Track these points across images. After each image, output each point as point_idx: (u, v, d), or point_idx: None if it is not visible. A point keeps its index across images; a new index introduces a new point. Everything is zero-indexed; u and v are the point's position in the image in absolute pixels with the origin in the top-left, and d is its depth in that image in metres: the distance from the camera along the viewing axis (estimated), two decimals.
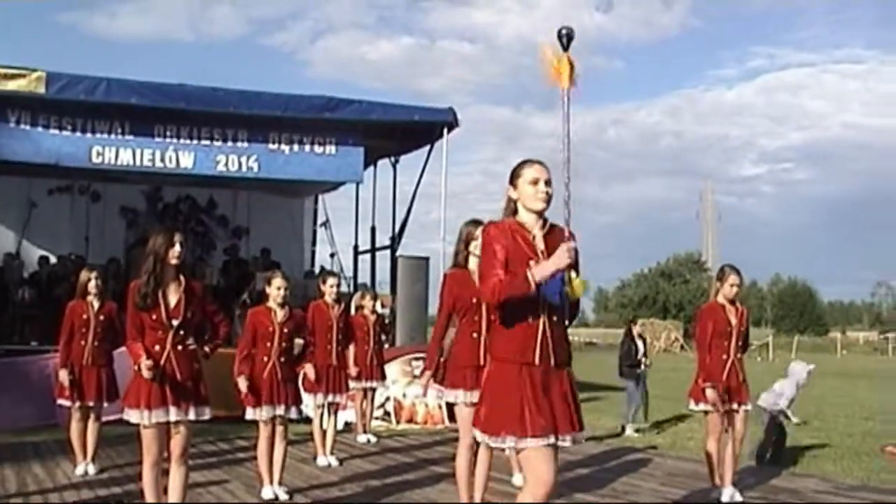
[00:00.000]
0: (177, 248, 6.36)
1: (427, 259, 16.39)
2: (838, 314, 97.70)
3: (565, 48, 4.77)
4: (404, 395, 14.39)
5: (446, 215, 16.21)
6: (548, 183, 4.80)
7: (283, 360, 8.31)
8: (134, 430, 6.48)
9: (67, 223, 18.60)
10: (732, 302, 8.36)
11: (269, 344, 8.27)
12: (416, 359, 14.58)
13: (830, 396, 20.43)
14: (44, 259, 17.74)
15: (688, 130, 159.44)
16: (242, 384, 8.11)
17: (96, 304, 9.43)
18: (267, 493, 8.23)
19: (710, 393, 8.11)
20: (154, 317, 6.29)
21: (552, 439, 4.60)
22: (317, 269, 19.40)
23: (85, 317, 9.37)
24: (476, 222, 7.26)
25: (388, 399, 13.62)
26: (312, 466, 9.89)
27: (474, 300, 7.08)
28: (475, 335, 7.09)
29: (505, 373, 4.70)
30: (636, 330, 14.39)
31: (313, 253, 21.41)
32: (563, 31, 4.77)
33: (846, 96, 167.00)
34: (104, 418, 9.62)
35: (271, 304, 8.39)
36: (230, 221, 20.08)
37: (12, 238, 17.85)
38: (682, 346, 59.33)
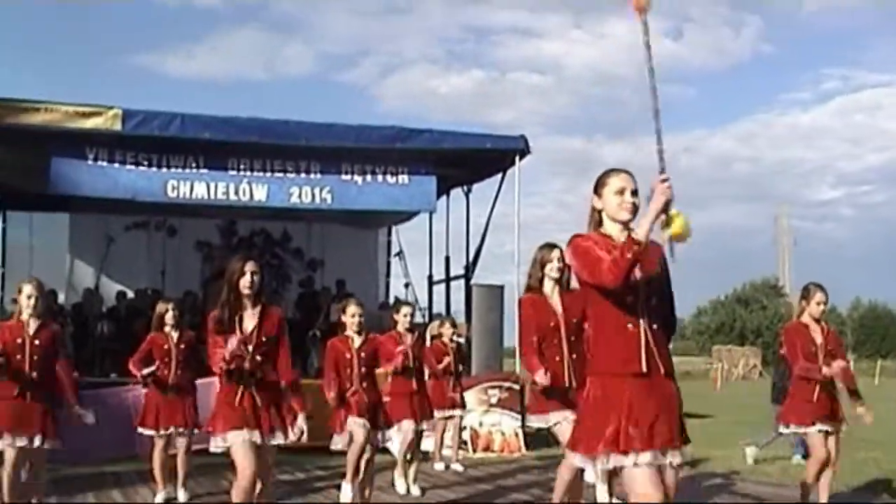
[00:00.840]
0: (247, 277, 6.42)
1: (502, 287, 16.32)
2: None
3: None
4: (481, 424, 14.35)
5: (520, 245, 16.14)
6: (634, 193, 4.65)
7: (365, 385, 8.33)
8: (214, 459, 6.54)
9: (144, 258, 18.87)
10: (818, 321, 8.20)
11: (349, 371, 8.29)
12: (493, 387, 14.57)
13: None
14: (121, 294, 17.99)
15: (762, 156, 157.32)
16: (335, 402, 8.28)
17: (175, 335, 9.51)
18: (346, 493, 8.41)
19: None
20: (229, 343, 6.32)
21: (657, 457, 4.42)
22: (391, 301, 19.41)
23: (166, 347, 9.47)
24: (550, 245, 7.23)
25: (464, 428, 13.51)
26: (391, 494, 9.85)
27: (552, 323, 7.05)
28: (558, 359, 7.04)
29: (607, 387, 4.52)
30: None
31: (387, 284, 21.43)
32: None
33: None
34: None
35: (348, 332, 8.41)
36: (305, 254, 20.19)
37: (91, 273, 18.13)
38: (760, 373, 58.49)
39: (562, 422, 6.95)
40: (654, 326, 4.54)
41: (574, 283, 7.08)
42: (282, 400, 6.55)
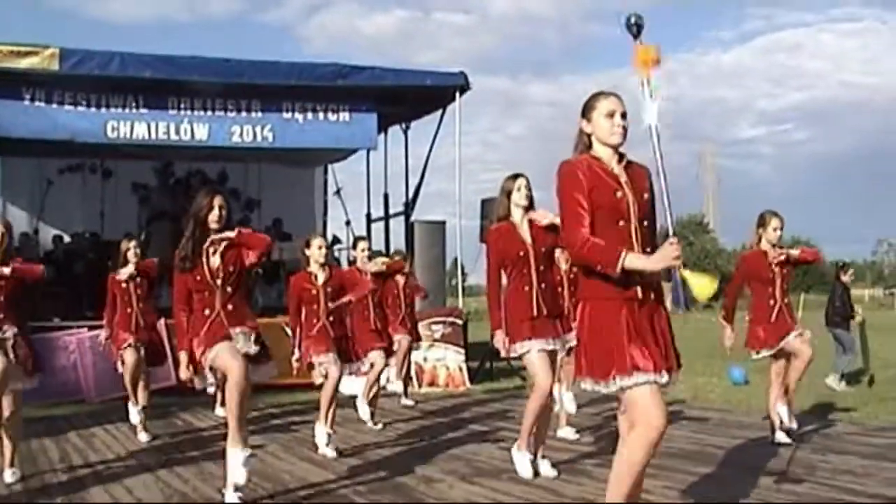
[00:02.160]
0: (216, 211, 6.39)
1: (443, 223, 16.47)
2: None
3: (636, 36, 4.69)
4: (425, 359, 14.48)
5: (447, 186, 16.23)
6: (624, 116, 4.62)
7: (331, 319, 8.35)
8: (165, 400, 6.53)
9: (80, 201, 18.55)
10: (774, 247, 8.43)
11: (315, 306, 8.29)
12: (436, 322, 14.69)
13: None
14: (58, 238, 17.78)
15: (685, 95, 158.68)
16: (305, 344, 8.25)
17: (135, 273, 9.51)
18: (321, 435, 8.44)
19: (727, 338, 8.26)
20: (198, 278, 6.33)
21: (661, 377, 4.43)
22: (329, 239, 19.37)
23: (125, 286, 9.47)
24: (515, 175, 7.29)
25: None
26: (351, 430, 9.94)
27: (521, 252, 7.08)
28: (527, 288, 7.09)
29: (605, 312, 4.49)
30: (845, 278, 14.34)
31: (325, 223, 21.35)
32: (633, 20, 4.70)
33: (844, 55, 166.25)
34: (153, 386, 9.75)
35: (312, 266, 8.40)
36: (242, 194, 20.01)
37: (26, 218, 17.83)
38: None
39: (531, 350, 7.04)
40: (647, 250, 4.54)
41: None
42: (256, 329, 6.58)
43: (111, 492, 7.09)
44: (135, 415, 9.65)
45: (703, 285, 4.42)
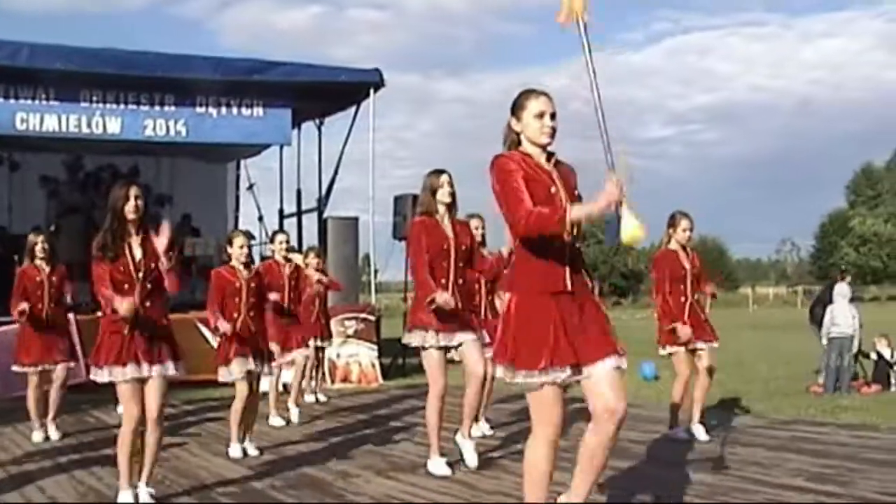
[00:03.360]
0: (132, 202, 6.32)
1: (356, 219, 16.43)
2: (746, 271, 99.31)
3: None
4: (338, 355, 14.46)
5: (359, 182, 16.22)
6: (553, 116, 4.64)
7: (252, 315, 8.29)
8: (79, 397, 6.44)
9: None
10: (684, 248, 8.62)
11: (237, 300, 8.23)
12: (349, 318, 14.69)
13: (748, 346, 21.00)
14: None
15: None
16: (224, 326, 8.09)
17: (47, 268, 9.34)
18: (235, 452, 8.25)
19: (681, 329, 8.36)
20: (121, 269, 6.25)
21: (590, 370, 4.49)
22: None
23: (38, 279, 9.30)
24: (439, 171, 7.36)
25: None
26: (266, 426, 9.90)
27: (444, 246, 7.20)
28: (444, 281, 7.21)
29: (535, 304, 4.51)
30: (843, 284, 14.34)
31: (237, 218, 21.21)
32: None
33: (751, 59, 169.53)
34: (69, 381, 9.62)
35: (234, 263, 8.33)
36: (153, 189, 19.77)
37: None
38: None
39: (431, 347, 7.24)
40: (577, 245, 4.63)
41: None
42: (171, 330, 6.51)
43: (23, 491, 6.99)
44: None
45: (634, 227, 4.37)
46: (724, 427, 9.20)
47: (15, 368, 9.44)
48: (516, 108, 4.71)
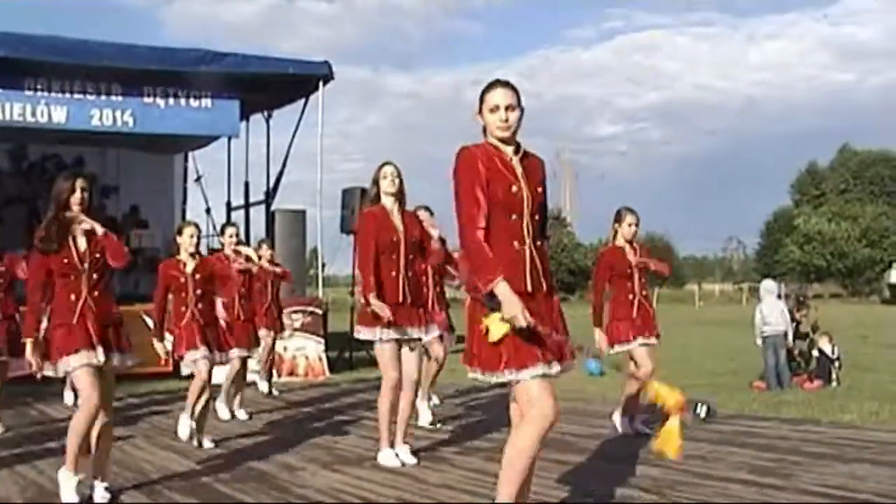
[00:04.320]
0: (78, 193, 6.24)
1: (304, 212, 16.39)
2: (692, 268, 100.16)
3: None
4: (285, 349, 14.41)
5: (306, 175, 16.18)
6: (509, 108, 4.51)
7: (200, 307, 8.21)
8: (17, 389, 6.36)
9: None
10: (631, 243, 8.66)
11: (183, 295, 8.15)
12: (296, 311, 14.65)
13: (694, 342, 21.22)
14: None
15: (544, 91, 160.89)
16: (168, 337, 8.12)
17: None
18: (184, 428, 8.19)
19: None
20: (65, 260, 6.16)
21: (552, 368, 4.40)
22: None
23: None
24: (385, 162, 7.37)
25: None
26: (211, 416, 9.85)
27: (394, 238, 7.20)
28: (394, 274, 7.22)
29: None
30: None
31: (184, 211, 21.05)
32: None
33: (698, 58, 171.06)
34: (10, 374, 9.51)
35: (182, 254, 8.24)
36: (99, 180, 19.55)
37: None
38: None
39: (384, 341, 7.30)
40: (538, 244, 4.55)
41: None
42: (121, 321, 6.44)
43: None
44: None
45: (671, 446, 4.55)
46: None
47: None
48: (479, 102, 4.59)
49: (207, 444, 8.28)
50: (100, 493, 6.29)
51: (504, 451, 4.50)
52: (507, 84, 4.57)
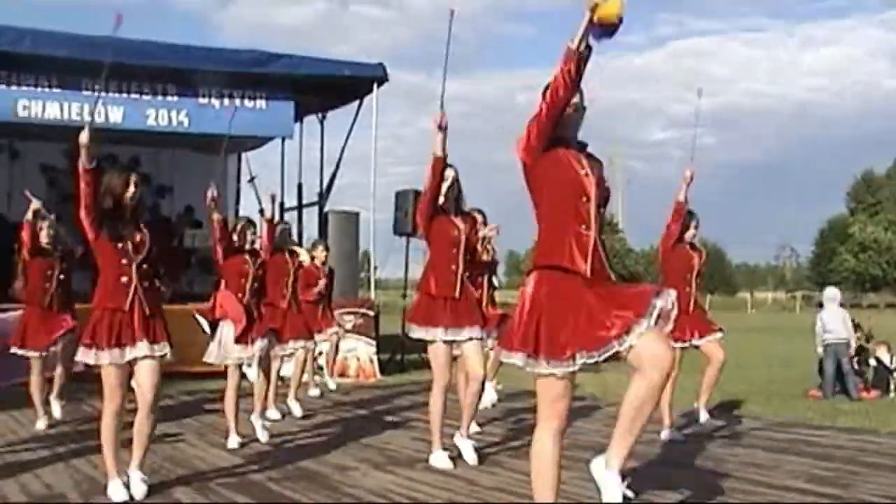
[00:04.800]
0: (131, 188, 6.31)
1: (357, 214, 16.40)
2: (744, 276, 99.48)
3: None
4: (336, 350, 14.37)
5: (358, 178, 16.16)
6: (577, 108, 4.58)
7: (255, 301, 8.29)
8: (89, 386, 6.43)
9: None
10: (692, 245, 8.62)
11: (243, 281, 8.29)
12: (348, 313, 14.65)
13: (748, 349, 21.00)
14: None
15: (597, 97, 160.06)
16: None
17: (55, 254, 9.32)
18: (233, 443, 8.24)
19: None
20: (120, 247, 6.24)
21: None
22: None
23: (46, 265, 9.28)
24: (448, 166, 7.36)
25: (320, 353, 13.58)
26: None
27: (454, 236, 7.22)
28: (453, 267, 7.23)
29: (557, 288, 4.40)
30: None
31: (237, 211, 21.09)
32: None
33: (751, 64, 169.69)
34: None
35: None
36: (154, 180, 19.72)
37: None
38: None
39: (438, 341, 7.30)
40: (601, 235, 4.55)
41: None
42: (164, 314, 6.49)
43: (19, 479, 6.96)
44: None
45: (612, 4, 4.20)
46: (724, 428, 9.19)
47: (17, 351, 9.38)
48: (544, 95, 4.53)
49: (263, 434, 8.34)
50: (137, 484, 6.33)
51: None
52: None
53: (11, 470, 7.28)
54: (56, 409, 9.52)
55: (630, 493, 4.56)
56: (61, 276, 9.37)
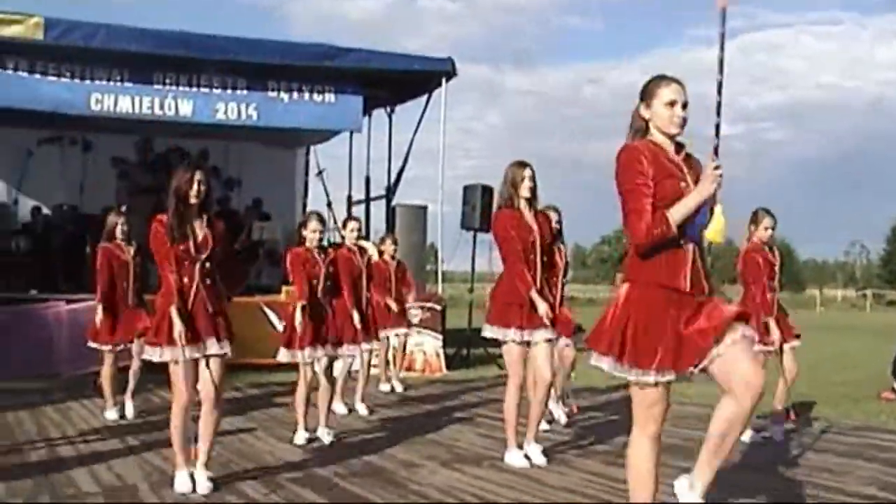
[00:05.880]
0: (195, 186, 6.34)
1: (425, 208, 16.39)
2: (813, 273, 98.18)
3: None
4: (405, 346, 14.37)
5: (426, 171, 16.08)
6: (685, 106, 4.49)
7: (328, 298, 8.27)
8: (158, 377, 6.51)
9: (59, 173, 18.34)
10: (766, 245, 8.45)
11: (315, 282, 8.21)
12: (414, 307, 14.60)
13: (817, 349, 20.68)
14: (37, 209, 17.61)
15: None
16: (299, 315, 8.05)
17: (129, 248, 9.39)
18: (300, 439, 8.25)
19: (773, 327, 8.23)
20: (182, 248, 6.28)
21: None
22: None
23: (122, 259, 9.36)
24: (522, 164, 7.28)
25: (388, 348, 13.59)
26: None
27: (531, 239, 7.15)
28: (532, 274, 7.19)
29: (651, 298, 4.34)
30: None
31: (305, 204, 21.22)
32: None
33: (823, 57, 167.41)
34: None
35: (308, 245, 8.26)
36: (222, 173, 19.89)
37: (6, 189, 17.69)
38: None
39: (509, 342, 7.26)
40: (702, 246, 4.45)
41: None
42: (226, 311, 6.52)
43: (89, 467, 7.05)
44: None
45: (718, 229, 4.37)
46: (795, 432, 9.04)
47: (93, 345, 9.46)
48: (647, 95, 4.53)
49: (327, 438, 8.30)
50: (202, 480, 6.37)
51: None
52: (679, 81, 4.53)
53: (83, 459, 7.39)
54: (129, 409, 9.59)
55: None
56: (136, 270, 9.42)
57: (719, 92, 4.47)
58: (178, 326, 6.18)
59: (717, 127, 4.47)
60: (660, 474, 4.51)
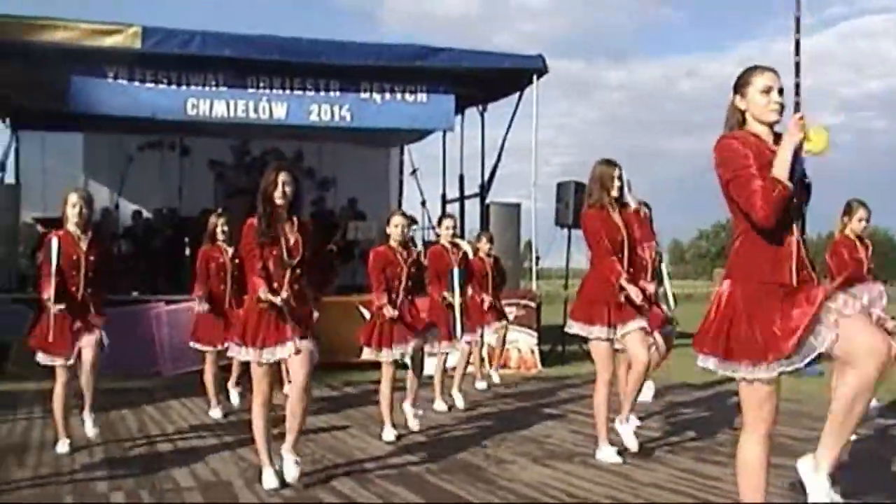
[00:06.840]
0: (280, 188, 6.38)
1: (518, 206, 16.39)
2: None
3: None
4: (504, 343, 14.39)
5: (519, 168, 16.02)
6: (781, 92, 4.40)
7: (410, 297, 8.32)
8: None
9: (158, 178, 18.81)
10: (860, 238, 8.33)
11: (396, 283, 8.24)
12: (509, 304, 14.61)
13: None
14: (137, 213, 18.07)
15: None
16: (388, 311, 8.09)
17: (230, 250, 9.56)
18: (389, 435, 8.32)
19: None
20: (275, 252, 6.36)
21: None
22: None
23: (221, 261, 9.56)
24: (611, 163, 7.28)
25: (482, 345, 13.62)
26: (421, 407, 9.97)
27: (619, 238, 7.16)
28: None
29: (755, 295, 4.26)
30: None
31: (400, 203, 21.34)
32: None
33: None
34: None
35: (392, 243, 8.32)
36: (317, 173, 20.17)
37: (107, 193, 18.10)
38: None
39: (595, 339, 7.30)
40: (804, 237, 4.37)
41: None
42: (312, 315, 6.59)
43: (189, 465, 7.22)
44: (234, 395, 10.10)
45: (822, 137, 4.23)
46: (892, 427, 8.89)
47: (195, 346, 9.70)
48: (740, 85, 4.47)
49: (415, 425, 8.51)
50: (290, 466, 6.46)
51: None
52: (773, 69, 4.46)
53: (181, 455, 7.59)
54: (234, 397, 9.85)
55: (839, 499, 4.39)
56: (235, 273, 9.58)
57: (797, 52, 4.39)
58: (278, 298, 6.26)
59: (797, 86, 4.41)
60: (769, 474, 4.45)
